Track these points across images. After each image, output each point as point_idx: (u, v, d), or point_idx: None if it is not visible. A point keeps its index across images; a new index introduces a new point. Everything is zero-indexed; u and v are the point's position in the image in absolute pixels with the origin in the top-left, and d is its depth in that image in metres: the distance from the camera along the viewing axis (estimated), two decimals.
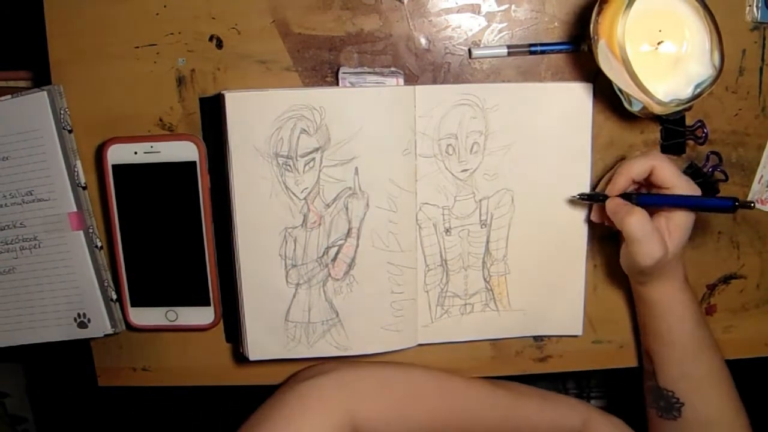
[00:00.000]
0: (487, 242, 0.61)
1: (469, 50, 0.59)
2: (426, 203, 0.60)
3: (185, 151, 0.59)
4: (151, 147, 0.59)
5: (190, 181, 0.59)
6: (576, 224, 0.61)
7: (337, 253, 0.58)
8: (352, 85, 0.58)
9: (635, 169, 0.55)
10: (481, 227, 0.61)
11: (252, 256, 0.58)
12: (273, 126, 0.55)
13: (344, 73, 0.59)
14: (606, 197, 0.57)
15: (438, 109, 0.58)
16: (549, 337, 0.65)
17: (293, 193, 0.57)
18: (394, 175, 0.58)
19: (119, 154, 0.59)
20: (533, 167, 0.60)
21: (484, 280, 0.62)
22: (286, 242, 0.58)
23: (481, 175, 0.60)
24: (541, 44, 0.59)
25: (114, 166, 0.59)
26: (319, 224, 0.57)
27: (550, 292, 0.63)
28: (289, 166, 0.56)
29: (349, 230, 0.58)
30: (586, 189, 0.60)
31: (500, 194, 0.60)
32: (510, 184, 0.60)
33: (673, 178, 0.54)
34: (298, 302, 0.59)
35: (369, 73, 0.59)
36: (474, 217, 0.61)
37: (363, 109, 0.56)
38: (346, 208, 0.57)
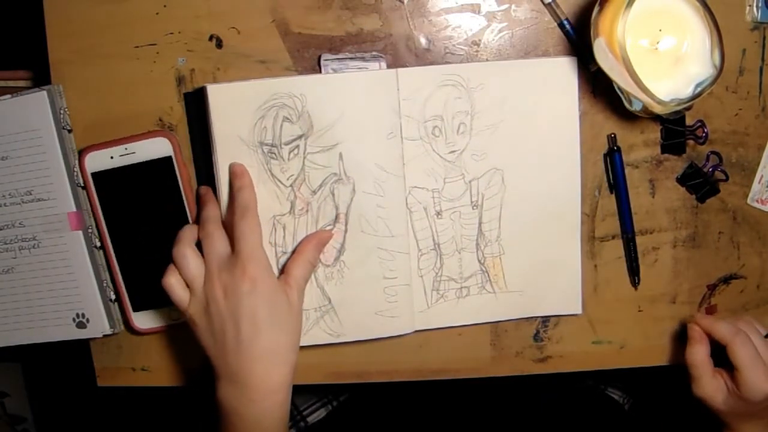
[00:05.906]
0: (480, 223, 0.61)
1: None
2: (415, 187, 0.59)
3: (159, 147, 0.59)
4: (126, 149, 0.59)
5: (169, 176, 0.59)
6: (568, 200, 0.61)
7: None
8: (335, 71, 0.58)
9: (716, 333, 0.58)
10: (473, 208, 0.61)
11: None
12: (256, 115, 0.56)
13: (326, 59, 0.58)
14: None
15: (422, 92, 0.57)
16: (549, 317, 0.64)
17: (279, 181, 0.57)
18: (379, 159, 0.57)
19: (96, 161, 0.59)
20: (522, 145, 0.59)
21: (479, 262, 0.62)
22: (275, 230, 0.58)
23: (470, 156, 0.59)
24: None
25: (93, 174, 0.59)
26: (307, 211, 0.57)
27: (546, 271, 0.62)
28: (274, 154, 0.56)
29: (337, 216, 0.58)
30: (575, 162, 0.60)
31: (490, 174, 0.60)
32: (499, 164, 0.60)
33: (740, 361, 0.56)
34: None
35: (351, 58, 0.59)
36: (465, 199, 0.60)
37: (345, 94, 0.56)
38: (333, 194, 0.57)
